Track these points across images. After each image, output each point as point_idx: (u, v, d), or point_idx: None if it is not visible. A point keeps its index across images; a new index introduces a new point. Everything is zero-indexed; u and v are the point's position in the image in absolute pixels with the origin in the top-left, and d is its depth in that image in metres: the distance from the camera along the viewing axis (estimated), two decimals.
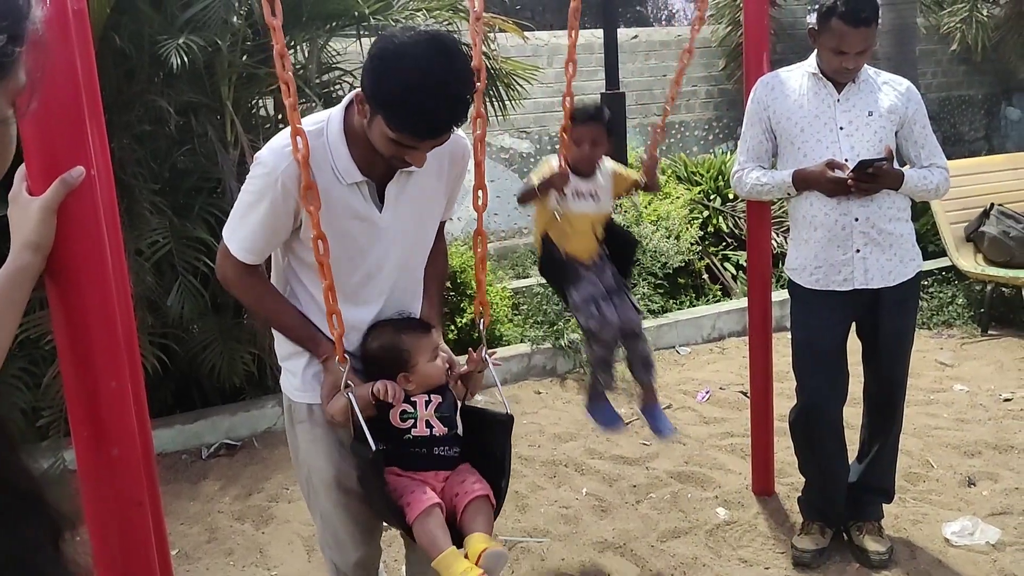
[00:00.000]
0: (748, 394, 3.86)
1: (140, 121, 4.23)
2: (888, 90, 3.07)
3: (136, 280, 3.73)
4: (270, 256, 2.20)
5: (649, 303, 5.62)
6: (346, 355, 2.00)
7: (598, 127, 2.92)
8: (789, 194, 3.09)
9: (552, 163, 2.92)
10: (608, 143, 3.00)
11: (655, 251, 5.70)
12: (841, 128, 3.03)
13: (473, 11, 2.02)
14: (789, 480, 3.68)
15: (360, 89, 1.92)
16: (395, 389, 2.03)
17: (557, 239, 2.94)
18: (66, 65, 1.42)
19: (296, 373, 2.22)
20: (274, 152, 1.99)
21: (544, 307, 5.47)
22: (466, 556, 1.96)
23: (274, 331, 2.23)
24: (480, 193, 2.10)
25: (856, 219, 2.99)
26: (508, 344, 5.25)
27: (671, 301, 5.88)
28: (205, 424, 4.41)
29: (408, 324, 2.13)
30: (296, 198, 1.96)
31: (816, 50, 3.06)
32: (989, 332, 5.59)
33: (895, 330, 3.11)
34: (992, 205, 5.67)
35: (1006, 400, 4.56)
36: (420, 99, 1.79)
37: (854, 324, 3.17)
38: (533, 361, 5.19)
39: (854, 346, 3.18)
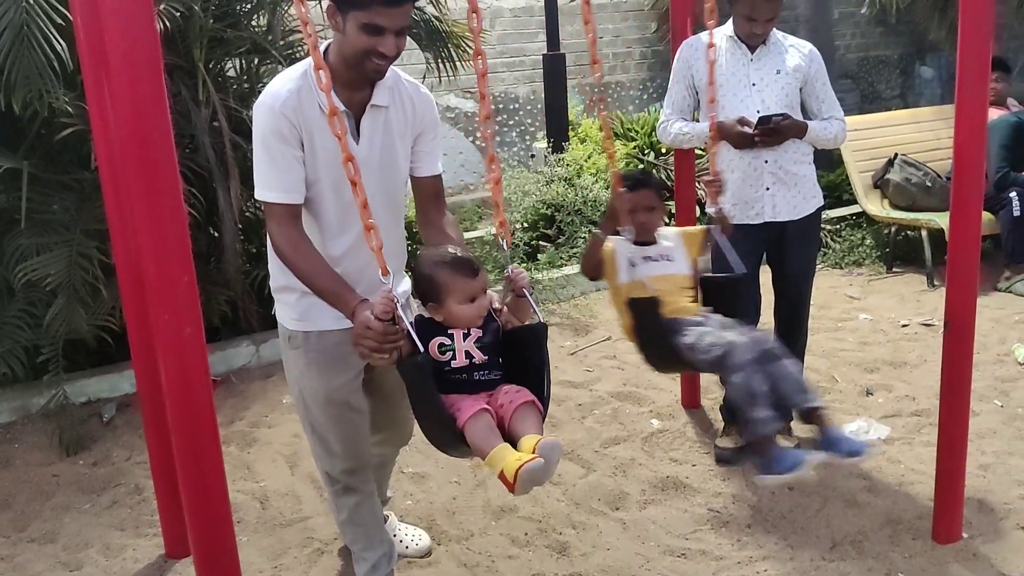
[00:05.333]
0: None
1: None
2: (794, 52, 3.56)
3: None
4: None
5: None
6: (387, 269, 2.03)
7: (649, 192, 2.81)
8: (706, 143, 3.56)
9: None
10: (663, 207, 2.86)
11: (595, 200, 6.17)
12: (753, 84, 3.51)
13: None
14: (713, 396, 4.20)
15: (330, 4, 2.13)
16: (385, 302, 2.01)
17: None
18: (145, 23, 1.74)
19: (290, 304, 2.46)
20: (269, 94, 2.22)
21: (494, 254, 5.90)
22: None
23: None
24: (488, 122, 2.22)
25: (766, 161, 3.48)
26: None
27: None
28: None
29: (455, 261, 2.11)
30: (298, 127, 2.18)
31: (732, 15, 3.54)
32: (893, 269, 6.20)
33: (799, 256, 3.63)
34: (896, 155, 6.21)
35: (904, 326, 5.16)
36: None
37: (765, 253, 3.68)
38: None
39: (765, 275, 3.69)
